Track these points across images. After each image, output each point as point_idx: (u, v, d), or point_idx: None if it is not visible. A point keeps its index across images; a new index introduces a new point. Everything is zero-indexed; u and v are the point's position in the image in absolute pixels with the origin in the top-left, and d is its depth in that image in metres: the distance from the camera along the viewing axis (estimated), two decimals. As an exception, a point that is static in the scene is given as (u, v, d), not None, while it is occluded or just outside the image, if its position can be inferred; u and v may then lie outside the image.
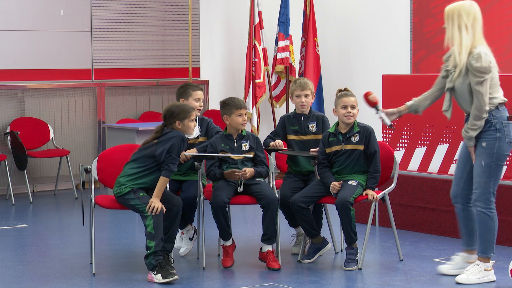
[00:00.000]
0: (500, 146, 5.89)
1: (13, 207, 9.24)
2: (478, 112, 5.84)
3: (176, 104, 6.34)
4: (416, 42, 9.78)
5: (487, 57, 5.84)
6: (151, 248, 6.02)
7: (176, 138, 6.15)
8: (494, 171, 5.92)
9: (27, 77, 10.10)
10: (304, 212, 6.46)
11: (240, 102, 6.66)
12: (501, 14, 9.09)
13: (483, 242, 6.02)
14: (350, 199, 6.29)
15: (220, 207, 6.35)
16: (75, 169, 10.16)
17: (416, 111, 6.24)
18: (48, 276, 6.30)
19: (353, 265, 6.37)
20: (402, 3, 9.89)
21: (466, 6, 5.90)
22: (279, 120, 6.97)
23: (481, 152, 5.91)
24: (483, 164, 5.91)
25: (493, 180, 5.94)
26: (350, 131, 6.49)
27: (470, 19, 5.87)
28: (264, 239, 6.46)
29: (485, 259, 6.04)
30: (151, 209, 6.02)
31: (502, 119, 5.90)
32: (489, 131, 5.89)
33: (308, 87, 6.73)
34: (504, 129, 5.89)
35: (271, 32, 10.91)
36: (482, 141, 5.90)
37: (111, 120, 10.61)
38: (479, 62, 5.80)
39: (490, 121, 5.88)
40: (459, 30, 5.88)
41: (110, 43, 10.62)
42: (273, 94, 10.88)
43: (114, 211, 7.64)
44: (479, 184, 5.95)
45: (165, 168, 6.12)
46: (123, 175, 6.21)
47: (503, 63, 8.99)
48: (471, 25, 5.86)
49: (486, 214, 5.98)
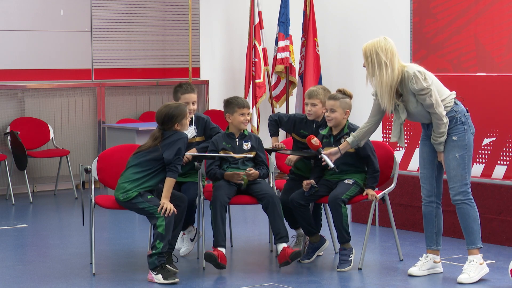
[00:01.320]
0: (469, 137, 6.06)
1: (13, 207, 9.24)
2: (439, 121, 5.98)
3: (170, 106, 6.25)
4: (416, 42, 9.78)
5: (421, 73, 5.94)
6: (158, 248, 6.01)
7: (182, 140, 6.14)
8: (468, 162, 6.05)
9: (27, 77, 10.10)
10: (303, 210, 6.46)
11: (243, 101, 6.66)
12: (501, 14, 9.09)
13: (470, 233, 6.09)
14: (342, 197, 6.29)
15: (220, 207, 6.34)
16: (75, 169, 10.16)
17: (357, 145, 6.33)
18: (48, 276, 6.29)
19: (347, 266, 6.36)
20: (402, 3, 9.89)
21: (381, 43, 6.00)
22: (290, 117, 6.88)
23: (453, 146, 6.03)
24: (458, 157, 6.02)
25: (468, 171, 6.07)
26: (340, 133, 6.51)
27: (388, 55, 5.95)
28: (278, 239, 6.35)
29: (475, 250, 6.09)
30: (163, 210, 6.01)
31: (463, 112, 6.07)
32: (457, 126, 6.02)
33: (317, 96, 6.64)
34: (468, 121, 6.07)
35: (271, 32, 10.91)
36: (452, 135, 6.03)
37: (111, 120, 10.61)
38: (419, 83, 5.91)
39: (454, 116, 6.02)
40: (379, 69, 5.96)
41: (110, 43, 10.62)
42: (273, 94, 10.88)
43: (114, 211, 7.64)
44: (456, 178, 6.04)
45: (172, 169, 6.10)
46: (126, 180, 6.15)
47: (503, 63, 9.00)
48: (389, 61, 5.95)
49: (467, 205, 6.08)
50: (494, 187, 7.25)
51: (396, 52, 5.99)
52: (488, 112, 7.40)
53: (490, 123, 7.39)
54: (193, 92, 6.77)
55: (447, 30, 9.51)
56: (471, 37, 9.31)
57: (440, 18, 9.59)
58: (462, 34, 9.38)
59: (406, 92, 5.98)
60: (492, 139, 7.39)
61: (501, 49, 9.05)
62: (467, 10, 9.33)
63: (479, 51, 9.23)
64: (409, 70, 5.94)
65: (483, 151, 7.45)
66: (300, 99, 10.49)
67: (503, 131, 7.31)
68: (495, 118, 7.36)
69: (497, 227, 7.21)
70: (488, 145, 7.42)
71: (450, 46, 9.49)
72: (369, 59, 6.00)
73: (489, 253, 6.91)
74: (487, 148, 7.42)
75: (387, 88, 5.93)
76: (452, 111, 6.02)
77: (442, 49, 9.57)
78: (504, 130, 7.31)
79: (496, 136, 7.36)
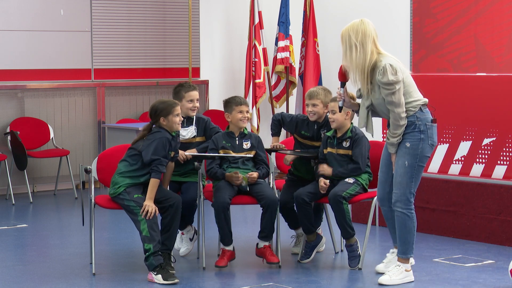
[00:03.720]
0: (423, 147, 5.89)
1: (13, 207, 9.24)
2: (396, 121, 5.85)
3: (160, 101, 6.36)
4: (416, 42, 9.78)
5: (393, 68, 5.81)
6: (149, 250, 6.02)
7: (159, 140, 6.16)
8: (416, 172, 5.92)
9: (27, 77, 10.10)
10: (306, 207, 6.48)
11: (241, 99, 6.68)
12: (501, 14, 9.09)
13: (403, 243, 6.04)
14: (343, 194, 6.31)
15: (222, 208, 6.35)
16: (75, 169, 10.16)
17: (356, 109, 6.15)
18: (48, 276, 6.30)
19: (358, 262, 6.38)
20: (402, 3, 9.89)
21: (355, 25, 5.88)
22: (292, 117, 6.88)
23: (405, 153, 5.90)
24: (407, 165, 5.90)
25: (414, 181, 5.95)
26: (343, 135, 6.52)
27: (358, 37, 5.84)
28: (262, 236, 6.48)
29: (405, 260, 6.07)
30: (145, 212, 6.02)
31: (426, 121, 5.90)
32: (413, 133, 5.88)
33: (317, 96, 6.65)
34: (428, 131, 5.89)
35: (271, 32, 10.91)
36: (406, 141, 5.89)
37: (111, 120, 10.61)
38: (386, 76, 5.78)
39: (414, 122, 5.88)
40: (350, 51, 5.87)
41: (110, 43, 10.62)
42: (273, 94, 10.89)
43: (114, 211, 7.63)
44: (401, 185, 5.94)
45: (154, 170, 6.13)
46: (117, 172, 6.23)
47: (503, 63, 9.00)
48: (360, 43, 5.83)
49: (406, 215, 5.99)
50: (494, 187, 7.25)
51: (371, 35, 5.84)
52: (488, 112, 7.40)
53: (490, 123, 7.39)
54: (196, 89, 6.86)
55: (447, 30, 9.51)
56: (471, 37, 9.31)
57: (440, 18, 9.59)
58: (462, 34, 9.39)
59: (374, 81, 5.87)
60: (492, 139, 7.39)
61: (501, 49, 9.05)
62: (467, 10, 9.33)
63: (479, 51, 9.23)
64: (383, 60, 5.82)
65: (483, 151, 7.45)
66: (300, 99, 10.49)
67: (503, 131, 7.31)
68: (495, 118, 7.36)
69: (497, 227, 7.22)
70: (488, 145, 7.42)
71: (450, 46, 9.49)
72: (343, 42, 5.93)
73: (489, 253, 6.91)
74: (487, 148, 7.42)
75: (358, 71, 5.83)
76: (414, 117, 5.87)
77: (442, 49, 9.58)
78: (504, 130, 7.31)
79: (496, 136, 7.37)
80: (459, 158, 7.61)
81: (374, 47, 5.86)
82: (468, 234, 7.41)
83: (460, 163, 7.60)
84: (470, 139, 7.54)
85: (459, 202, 7.46)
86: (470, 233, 7.39)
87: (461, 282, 6.08)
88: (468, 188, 7.40)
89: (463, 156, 7.58)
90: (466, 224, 7.42)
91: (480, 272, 6.34)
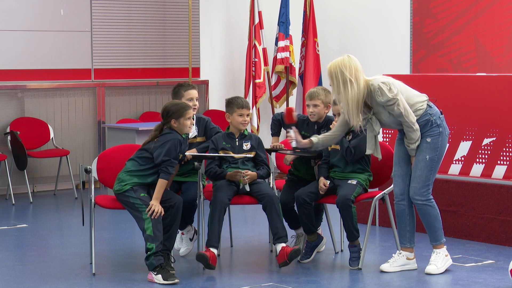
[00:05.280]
0: (443, 139, 6.15)
1: (13, 207, 9.24)
2: (409, 128, 6.07)
3: (173, 103, 6.33)
4: (416, 42, 9.78)
5: (386, 84, 5.98)
6: (151, 249, 6.01)
7: (172, 141, 6.15)
8: (436, 164, 6.16)
9: (27, 77, 10.10)
10: (307, 207, 6.49)
11: (243, 102, 6.67)
12: (501, 14, 9.10)
13: (432, 231, 6.28)
14: (351, 197, 6.33)
15: (220, 208, 6.34)
16: (75, 169, 10.16)
17: (316, 149, 6.37)
18: (48, 276, 6.30)
19: (358, 263, 6.39)
20: (402, 3, 9.89)
21: (345, 61, 6.05)
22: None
23: (426, 147, 6.12)
24: (428, 159, 6.11)
25: (433, 173, 6.18)
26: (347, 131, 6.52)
27: (352, 73, 6.01)
28: (276, 239, 6.37)
29: (439, 245, 6.31)
30: (151, 212, 6.02)
31: (438, 114, 6.15)
32: (433, 128, 6.11)
33: (318, 97, 6.68)
34: (442, 123, 6.15)
35: (271, 32, 10.91)
36: (427, 137, 6.11)
37: (111, 120, 10.61)
38: (384, 95, 5.97)
39: (429, 120, 6.10)
40: (344, 86, 6.01)
41: (110, 43, 10.62)
42: (273, 94, 10.89)
43: (114, 211, 7.64)
44: (420, 178, 6.15)
45: (163, 171, 6.12)
46: (125, 170, 6.21)
47: (503, 63, 9.00)
48: (354, 78, 6.00)
49: (427, 205, 6.22)
50: (494, 187, 7.25)
51: (360, 68, 6.05)
52: (488, 112, 7.40)
53: (490, 123, 7.40)
54: (195, 88, 6.86)
55: (447, 30, 9.51)
56: (471, 37, 9.31)
57: (440, 18, 9.59)
58: (462, 34, 9.39)
59: (375, 104, 6.05)
60: (492, 139, 7.39)
61: (501, 49, 9.06)
62: (467, 10, 9.34)
63: (479, 51, 9.23)
64: (374, 83, 6.01)
65: (483, 151, 7.45)
66: (300, 99, 10.50)
67: (503, 131, 7.32)
68: (495, 118, 7.36)
69: (497, 227, 7.22)
70: (488, 145, 7.42)
71: (450, 46, 9.49)
72: (334, 78, 6.07)
73: (489, 253, 6.91)
74: (487, 148, 7.42)
75: (353, 105, 6.00)
76: (427, 114, 6.09)
77: (442, 49, 9.58)
78: (504, 130, 7.31)
79: (496, 136, 7.37)
80: (459, 158, 7.61)
81: (364, 79, 6.06)
82: (468, 234, 7.41)
83: (460, 163, 7.61)
84: (470, 139, 7.54)
85: (459, 202, 7.46)
86: (470, 233, 7.40)
87: (461, 282, 6.08)
88: (468, 188, 7.41)
89: (463, 156, 7.58)
90: (466, 224, 7.42)
91: (480, 272, 6.34)
